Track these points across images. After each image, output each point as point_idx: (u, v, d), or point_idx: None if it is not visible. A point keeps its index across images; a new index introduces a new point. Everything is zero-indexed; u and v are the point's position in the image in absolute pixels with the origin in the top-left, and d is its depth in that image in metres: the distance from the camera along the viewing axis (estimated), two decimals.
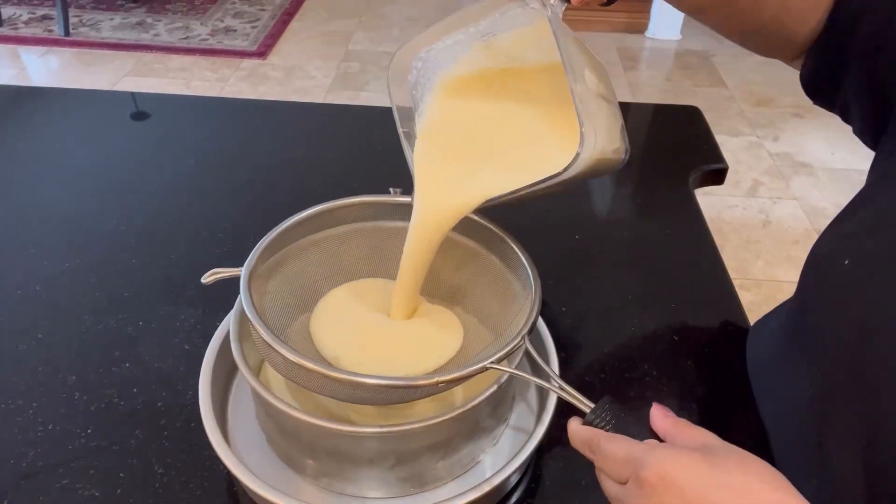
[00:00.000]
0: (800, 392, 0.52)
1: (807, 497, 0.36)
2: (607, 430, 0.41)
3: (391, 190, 0.57)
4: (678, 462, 0.36)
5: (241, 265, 0.49)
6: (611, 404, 0.43)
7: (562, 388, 0.44)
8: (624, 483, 0.38)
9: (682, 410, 0.58)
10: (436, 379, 0.43)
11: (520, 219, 0.54)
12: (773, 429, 0.55)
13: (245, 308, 0.46)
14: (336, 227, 0.57)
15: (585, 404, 0.43)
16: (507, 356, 0.45)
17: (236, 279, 0.48)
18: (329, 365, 0.48)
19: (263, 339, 0.44)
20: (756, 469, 0.36)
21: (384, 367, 0.50)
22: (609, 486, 0.40)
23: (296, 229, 0.54)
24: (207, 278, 0.50)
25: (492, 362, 0.44)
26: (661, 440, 0.40)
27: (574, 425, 0.43)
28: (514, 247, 0.53)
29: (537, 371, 0.47)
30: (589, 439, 0.41)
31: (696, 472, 0.36)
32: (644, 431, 0.41)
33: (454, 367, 0.49)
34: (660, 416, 0.41)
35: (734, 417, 0.58)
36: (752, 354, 0.62)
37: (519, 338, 0.46)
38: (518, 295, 0.52)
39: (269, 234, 0.52)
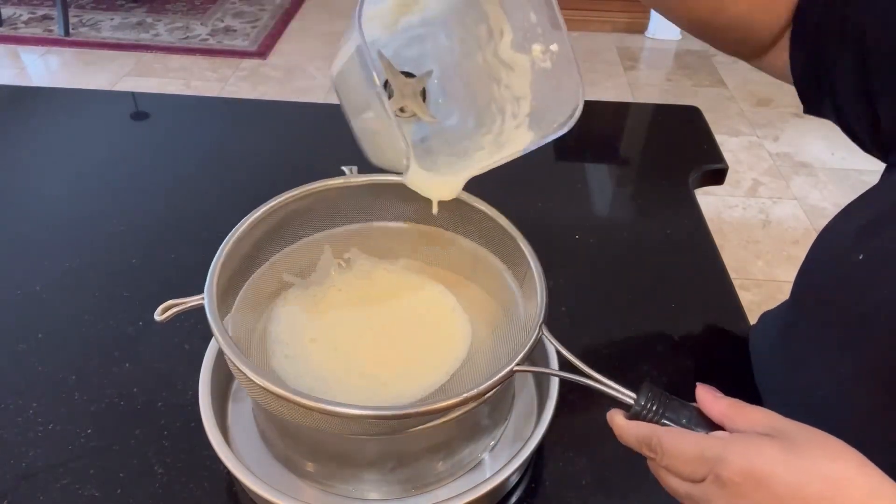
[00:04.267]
0: (812, 386, 0.51)
1: None
2: (658, 422, 0.39)
3: (345, 169, 0.55)
4: (761, 456, 0.34)
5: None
6: (652, 390, 0.40)
7: (596, 381, 0.41)
8: (699, 481, 0.36)
9: None
10: (463, 396, 0.40)
11: (519, 219, 0.54)
12: None
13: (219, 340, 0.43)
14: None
15: (626, 395, 0.40)
16: (531, 352, 0.43)
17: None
18: (330, 401, 0.41)
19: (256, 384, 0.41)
20: (840, 452, 0.34)
21: (389, 391, 0.49)
22: (677, 485, 0.37)
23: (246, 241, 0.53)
24: (161, 315, 0.45)
25: (518, 364, 0.42)
26: (717, 426, 0.38)
27: (621, 420, 0.40)
28: (513, 233, 0.52)
29: (559, 364, 0.45)
30: (647, 437, 0.38)
31: (783, 464, 0.33)
32: (695, 416, 0.39)
33: (473, 379, 0.48)
34: (710, 399, 0.39)
35: None
36: (757, 350, 0.62)
37: (537, 328, 0.44)
38: (517, 284, 0.52)
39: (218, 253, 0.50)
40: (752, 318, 0.67)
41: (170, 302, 0.45)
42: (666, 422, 0.39)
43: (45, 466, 0.51)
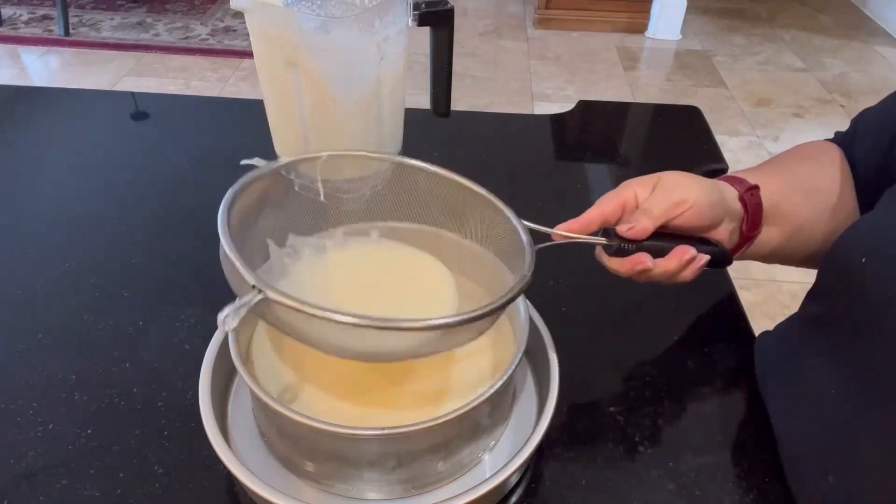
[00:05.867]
0: (822, 390, 0.51)
1: (823, 493, 0.36)
2: (635, 250, 0.52)
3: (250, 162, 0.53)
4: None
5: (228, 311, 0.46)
6: (611, 232, 0.53)
7: (569, 237, 0.52)
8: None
9: (682, 411, 0.58)
10: (477, 310, 0.41)
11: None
12: (785, 427, 0.55)
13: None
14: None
15: (598, 241, 0.53)
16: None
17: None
18: (341, 312, 0.40)
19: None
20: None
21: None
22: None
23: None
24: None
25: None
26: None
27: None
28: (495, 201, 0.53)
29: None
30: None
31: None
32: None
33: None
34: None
35: (736, 417, 0.58)
36: (763, 354, 0.62)
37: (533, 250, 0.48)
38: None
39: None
40: (753, 319, 0.67)
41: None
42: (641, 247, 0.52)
43: (45, 466, 0.51)
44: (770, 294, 1.78)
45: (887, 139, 0.58)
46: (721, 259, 0.57)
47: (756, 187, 0.57)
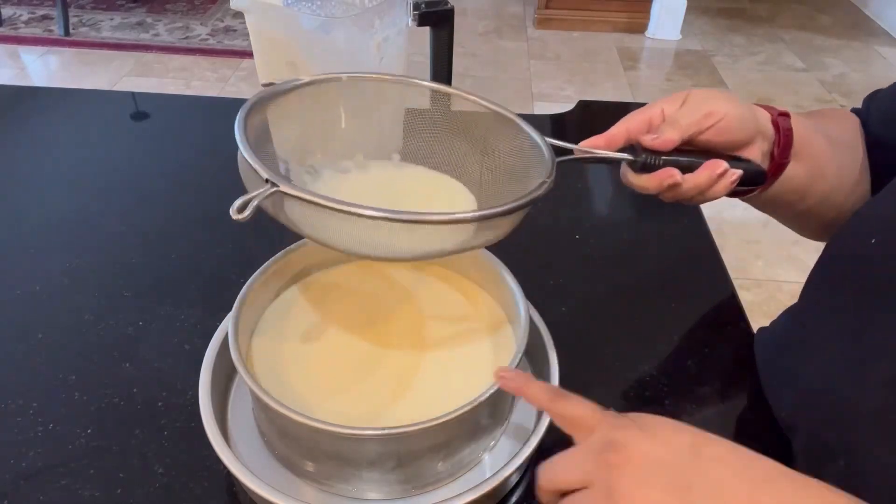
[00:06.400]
0: (826, 376, 0.51)
1: (834, 476, 0.36)
2: (663, 165, 0.50)
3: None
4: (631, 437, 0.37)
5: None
6: (637, 148, 0.51)
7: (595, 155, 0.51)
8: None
9: (682, 411, 0.58)
10: (496, 207, 0.41)
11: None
12: (793, 416, 0.55)
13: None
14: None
15: (622, 157, 0.51)
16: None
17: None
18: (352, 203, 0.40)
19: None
20: (676, 425, 0.38)
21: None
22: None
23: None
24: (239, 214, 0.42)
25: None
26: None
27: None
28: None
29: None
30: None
31: (646, 441, 0.36)
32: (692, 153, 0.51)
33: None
34: (536, 390, 0.43)
35: (736, 417, 0.58)
36: (763, 346, 0.62)
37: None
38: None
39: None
40: (752, 318, 0.67)
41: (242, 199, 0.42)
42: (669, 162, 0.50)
43: (45, 466, 0.51)
44: (770, 294, 1.78)
45: None
46: (754, 177, 0.53)
47: (787, 114, 0.56)
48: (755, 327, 0.67)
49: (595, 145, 0.51)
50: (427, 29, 0.68)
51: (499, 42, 3.07)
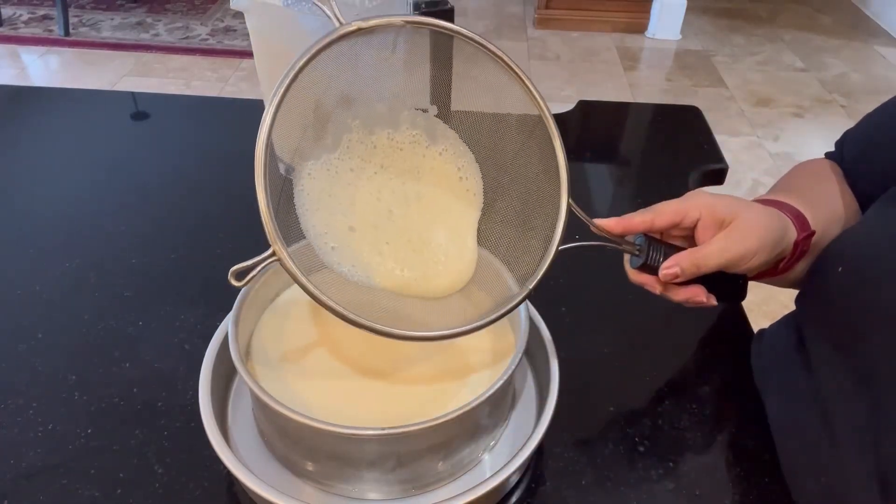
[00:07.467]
0: (807, 395, 0.52)
1: (814, 496, 0.37)
2: (662, 261, 0.51)
3: None
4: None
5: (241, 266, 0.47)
6: (645, 240, 0.52)
7: (611, 241, 0.53)
8: None
9: (682, 411, 0.58)
10: (475, 322, 0.44)
11: None
12: (779, 431, 0.55)
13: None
14: None
15: (627, 250, 0.53)
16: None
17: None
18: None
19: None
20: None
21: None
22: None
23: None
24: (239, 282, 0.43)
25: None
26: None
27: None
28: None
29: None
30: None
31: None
32: (671, 248, 0.52)
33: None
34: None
35: (736, 417, 0.58)
36: (758, 358, 0.62)
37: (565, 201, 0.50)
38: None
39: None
40: (753, 319, 0.67)
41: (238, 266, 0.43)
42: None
43: (45, 466, 0.51)
44: (770, 294, 1.78)
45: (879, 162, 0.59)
46: (735, 297, 0.56)
47: (812, 234, 0.55)
48: (755, 328, 0.67)
49: (609, 227, 0.52)
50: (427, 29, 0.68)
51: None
